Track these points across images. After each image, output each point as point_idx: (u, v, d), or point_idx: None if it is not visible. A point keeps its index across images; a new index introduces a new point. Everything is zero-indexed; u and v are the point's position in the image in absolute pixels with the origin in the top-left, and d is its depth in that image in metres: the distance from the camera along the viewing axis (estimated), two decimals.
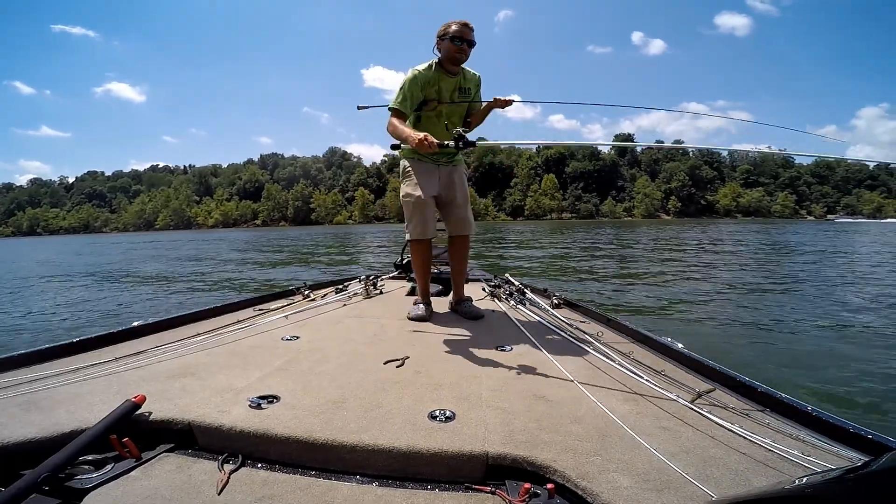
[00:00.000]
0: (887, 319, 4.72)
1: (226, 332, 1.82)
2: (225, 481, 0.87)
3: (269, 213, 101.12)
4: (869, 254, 12.56)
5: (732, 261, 11.14)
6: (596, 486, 0.80)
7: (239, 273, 10.64)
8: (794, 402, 1.10)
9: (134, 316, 5.23)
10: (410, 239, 2.18)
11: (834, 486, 0.44)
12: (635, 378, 1.32)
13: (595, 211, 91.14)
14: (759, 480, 0.82)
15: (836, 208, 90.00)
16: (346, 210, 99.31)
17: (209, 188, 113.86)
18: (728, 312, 5.17)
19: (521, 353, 1.60)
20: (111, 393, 1.18)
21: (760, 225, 43.74)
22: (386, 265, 7.53)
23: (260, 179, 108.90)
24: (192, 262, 13.97)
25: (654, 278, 8.01)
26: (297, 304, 2.45)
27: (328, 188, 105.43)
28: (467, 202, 2.26)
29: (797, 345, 3.86)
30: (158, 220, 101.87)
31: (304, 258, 14.45)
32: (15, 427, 0.99)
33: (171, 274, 10.84)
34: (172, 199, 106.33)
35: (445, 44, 2.01)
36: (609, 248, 15.47)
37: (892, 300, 5.71)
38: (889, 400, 2.73)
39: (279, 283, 8.17)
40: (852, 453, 0.92)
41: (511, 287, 2.66)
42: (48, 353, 1.49)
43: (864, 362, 3.37)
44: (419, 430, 0.98)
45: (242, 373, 1.35)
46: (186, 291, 7.75)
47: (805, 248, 14.37)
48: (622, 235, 24.36)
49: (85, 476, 0.88)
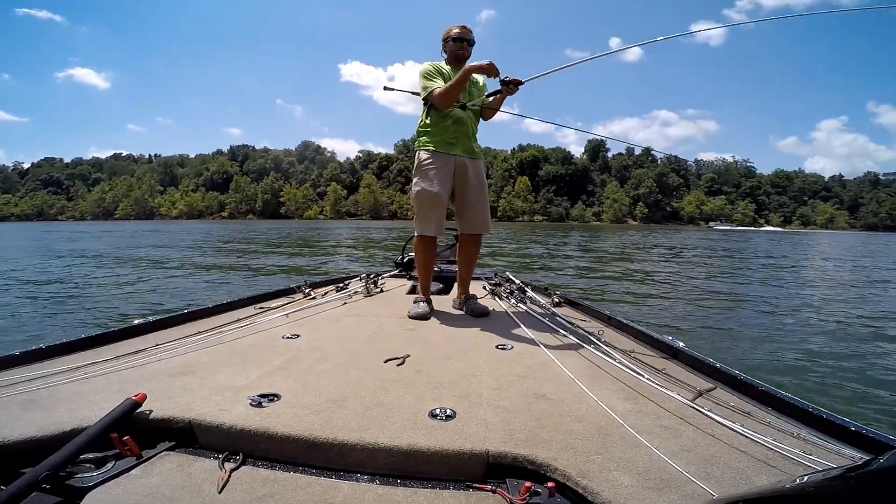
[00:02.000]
0: (887, 319, 4.82)
1: (226, 331, 1.81)
2: (225, 480, 0.87)
3: (236, 205, 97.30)
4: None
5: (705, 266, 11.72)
6: (597, 484, 0.80)
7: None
8: (796, 401, 1.10)
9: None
10: (419, 235, 2.18)
11: (835, 484, 0.44)
12: (636, 377, 1.32)
13: (565, 214, 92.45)
14: (760, 479, 0.83)
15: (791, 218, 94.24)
16: (318, 205, 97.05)
17: (175, 178, 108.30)
18: (731, 317, 5.37)
19: (522, 351, 1.60)
20: (111, 391, 1.18)
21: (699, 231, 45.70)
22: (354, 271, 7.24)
23: (229, 171, 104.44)
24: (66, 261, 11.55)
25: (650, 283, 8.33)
26: (297, 302, 2.45)
27: (299, 182, 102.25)
28: (485, 201, 2.25)
29: (796, 343, 3.89)
30: (118, 210, 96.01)
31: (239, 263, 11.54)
32: (15, 426, 0.99)
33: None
34: (135, 189, 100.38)
35: (449, 45, 2.24)
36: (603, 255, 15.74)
37: (889, 302, 5.88)
38: (890, 398, 2.75)
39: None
40: (853, 452, 0.91)
41: (511, 285, 2.66)
42: (48, 352, 1.49)
43: (864, 362, 3.40)
44: (420, 428, 0.98)
45: (243, 371, 1.35)
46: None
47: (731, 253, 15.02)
48: (592, 240, 24.50)
49: (85, 475, 0.88)
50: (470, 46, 2.23)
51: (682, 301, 6.28)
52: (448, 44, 2.24)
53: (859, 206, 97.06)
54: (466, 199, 2.21)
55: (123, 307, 5.70)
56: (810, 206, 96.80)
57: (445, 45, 2.26)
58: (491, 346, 1.65)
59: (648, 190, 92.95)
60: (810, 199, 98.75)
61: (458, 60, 2.23)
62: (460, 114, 2.15)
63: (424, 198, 2.13)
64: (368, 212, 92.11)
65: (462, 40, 2.21)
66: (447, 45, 2.25)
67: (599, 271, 10.10)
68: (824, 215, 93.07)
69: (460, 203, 2.23)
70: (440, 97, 2.07)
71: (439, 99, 2.08)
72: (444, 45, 2.28)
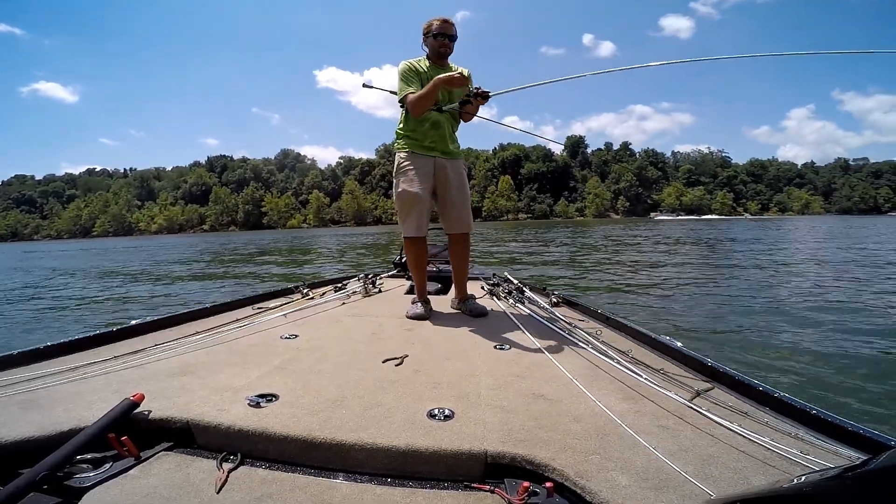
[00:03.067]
0: (887, 319, 4.73)
1: (224, 331, 1.80)
2: (224, 480, 0.87)
3: (217, 217, 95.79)
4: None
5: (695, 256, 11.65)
6: (595, 484, 0.80)
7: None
8: (793, 401, 1.10)
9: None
10: (405, 237, 2.19)
11: (832, 484, 0.44)
12: (634, 376, 1.32)
13: (549, 211, 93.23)
14: (758, 479, 0.82)
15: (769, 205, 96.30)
16: (300, 213, 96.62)
17: (152, 192, 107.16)
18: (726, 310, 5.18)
19: (520, 351, 1.59)
20: (110, 391, 1.18)
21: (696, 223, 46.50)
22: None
23: (207, 182, 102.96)
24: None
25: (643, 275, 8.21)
26: (295, 302, 2.44)
27: (280, 191, 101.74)
28: (466, 199, 2.24)
29: (796, 342, 3.84)
30: (96, 227, 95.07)
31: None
32: (13, 426, 0.98)
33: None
34: (112, 204, 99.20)
35: (430, 40, 2.15)
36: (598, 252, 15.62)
37: (888, 300, 5.75)
38: (888, 398, 2.73)
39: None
40: (851, 452, 0.91)
41: (510, 285, 2.66)
42: (46, 352, 1.49)
43: (863, 361, 3.37)
44: (418, 428, 0.98)
45: (241, 371, 1.34)
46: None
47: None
48: (577, 236, 24.39)
49: (83, 475, 0.88)
50: (451, 42, 2.15)
51: (663, 294, 6.24)
52: (429, 39, 2.15)
53: (833, 191, 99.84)
54: (448, 199, 2.20)
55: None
56: (786, 193, 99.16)
57: (426, 39, 2.16)
58: (489, 346, 1.65)
59: (629, 184, 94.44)
60: (785, 186, 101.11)
61: (440, 57, 2.17)
62: (437, 116, 2.12)
63: (405, 198, 2.12)
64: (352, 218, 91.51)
65: (444, 36, 2.12)
66: (427, 39, 2.16)
67: (591, 268, 9.93)
68: (800, 201, 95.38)
69: (442, 203, 2.22)
70: (412, 104, 2.04)
71: (411, 106, 2.05)
72: (424, 40, 2.18)
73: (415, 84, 2.08)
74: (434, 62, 2.17)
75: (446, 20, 2.14)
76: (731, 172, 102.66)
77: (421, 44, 2.20)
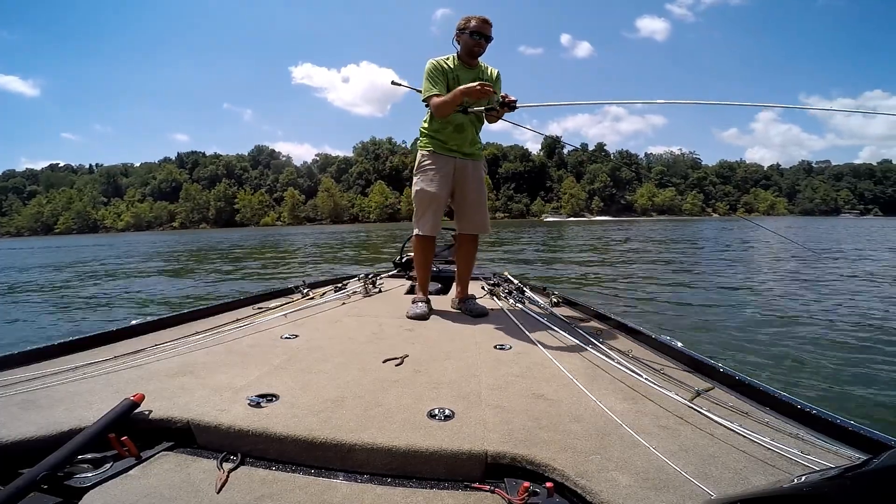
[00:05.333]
0: (888, 319, 4.73)
1: (224, 331, 1.80)
2: (224, 480, 0.87)
3: (188, 214, 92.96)
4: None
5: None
6: (595, 484, 0.80)
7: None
8: (794, 401, 1.10)
9: None
10: (418, 235, 2.19)
11: (833, 484, 0.44)
12: (634, 376, 1.32)
13: (526, 211, 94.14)
14: (759, 479, 0.83)
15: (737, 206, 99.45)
16: (275, 211, 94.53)
17: (119, 189, 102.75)
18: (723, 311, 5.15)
19: (520, 351, 1.59)
20: (110, 391, 1.17)
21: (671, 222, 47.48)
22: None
23: (178, 179, 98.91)
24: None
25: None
26: (295, 302, 2.44)
27: (254, 188, 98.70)
28: (483, 201, 2.26)
29: (795, 342, 3.83)
30: (59, 224, 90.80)
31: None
32: (14, 426, 0.99)
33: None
34: (76, 201, 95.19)
35: (464, 37, 2.08)
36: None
37: (890, 299, 5.78)
38: (889, 398, 2.72)
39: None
40: (851, 452, 0.92)
41: (510, 285, 2.67)
42: (46, 352, 1.49)
43: (863, 360, 3.36)
44: (418, 428, 0.98)
45: (241, 371, 1.34)
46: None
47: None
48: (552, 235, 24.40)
49: (84, 475, 0.88)
50: (486, 43, 2.10)
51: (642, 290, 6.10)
52: (463, 35, 2.08)
53: (797, 192, 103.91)
54: (466, 200, 2.22)
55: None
56: (753, 194, 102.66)
57: (460, 36, 2.10)
58: (489, 346, 1.65)
59: (603, 184, 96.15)
60: (752, 187, 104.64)
61: (472, 56, 2.12)
62: (461, 119, 2.12)
63: (423, 197, 2.15)
64: (328, 216, 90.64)
65: (480, 35, 2.06)
66: (462, 36, 2.09)
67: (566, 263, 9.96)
68: (766, 202, 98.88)
69: (460, 204, 2.24)
70: (436, 108, 2.05)
71: (435, 110, 2.05)
72: (457, 36, 2.11)
73: (440, 85, 2.07)
74: (464, 61, 2.13)
75: (486, 20, 2.08)
76: (702, 174, 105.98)
77: (453, 39, 2.14)
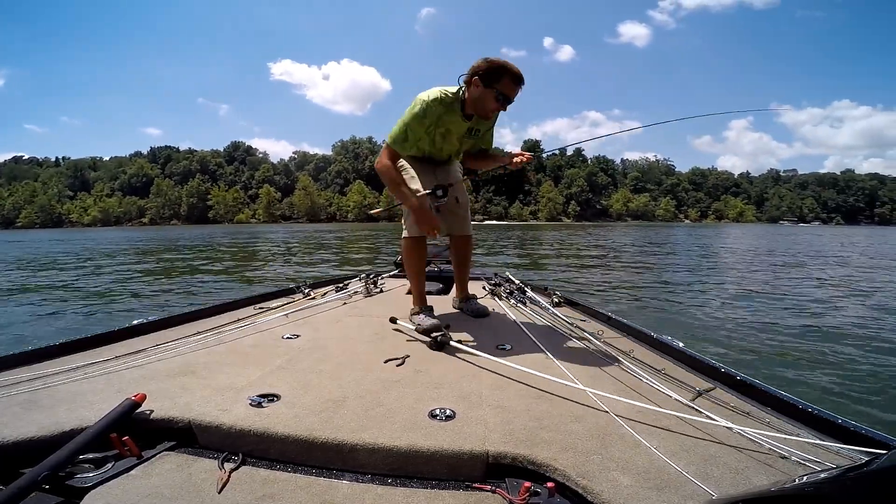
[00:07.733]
0: (887, 318, 4.74)
1: (226, 331, 1.80)
2: (225, 480, 0.88)
3: (158, 210, 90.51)
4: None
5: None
6: (596, 484, 0.80)
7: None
8: (795, 401, 1.10)
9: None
10: (408, 237, 2.11)
11: (834, 484, 0.44)
12: (635, 377, 1.32)
13: (504, 213, 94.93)
14: (760, 479, 0.83)
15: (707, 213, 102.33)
16: (249, 208, 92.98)
17: (87, 183, 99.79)
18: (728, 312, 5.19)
19: (522, 351, 1.59)
20: (111, 391, 1.18)
21: (646, 228, 48.35)
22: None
23: (149, 174, 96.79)
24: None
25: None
26: (297, 302, 2.44)
27: (229, 184, 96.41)
28: (466, 202, 2.23)
29: (796, 343, 3.84)
30: (21, 217, 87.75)
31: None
32: (15, 425, 0.99)
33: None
34: (39, 194, 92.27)
35: (487, 93, 1.69)
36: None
37: (888, 300, 5.82)
38: (890, 398, 2.72)
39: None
40: (853, 452, 0.91)
41: (511, 285, 2.67)
42: (48, 352, 1.49)
43: (864, 361, 3.36)
44: (419, 428, 0.99)
45: (243, 371, 1.34)
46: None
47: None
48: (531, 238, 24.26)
49: (85, 475, 0.88)
50: (508, 105, 1.76)
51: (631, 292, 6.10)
52: (487, 91, 1.68)
53: (765, 200, 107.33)
54: (457, 202, 2.17)
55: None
56: (723, 201, 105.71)
57: (483, 79, 1.67)
58: (491, 346, 1.64)
59: (580, 189, 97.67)
60: (723, 194, 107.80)
61: (485, 117, 1.81)
62: (451, 146, 1.99)
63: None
64: (305, 214, 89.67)
65: (507, 100, 1.71)
66: (482, 89, 1.68)
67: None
68: (736, 210, 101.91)
69: (451, 206, 2.17)
70: (380, 169, 1.82)
71: (385, 173, 1.81)
72: (474, 82, 1.69)
73: (416, 140, 1.81)
74: (466, 112, 1.79)
75: (521, 79, 1.70)
76: (675, 180, 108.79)
77: (461, 78, 1.75)
